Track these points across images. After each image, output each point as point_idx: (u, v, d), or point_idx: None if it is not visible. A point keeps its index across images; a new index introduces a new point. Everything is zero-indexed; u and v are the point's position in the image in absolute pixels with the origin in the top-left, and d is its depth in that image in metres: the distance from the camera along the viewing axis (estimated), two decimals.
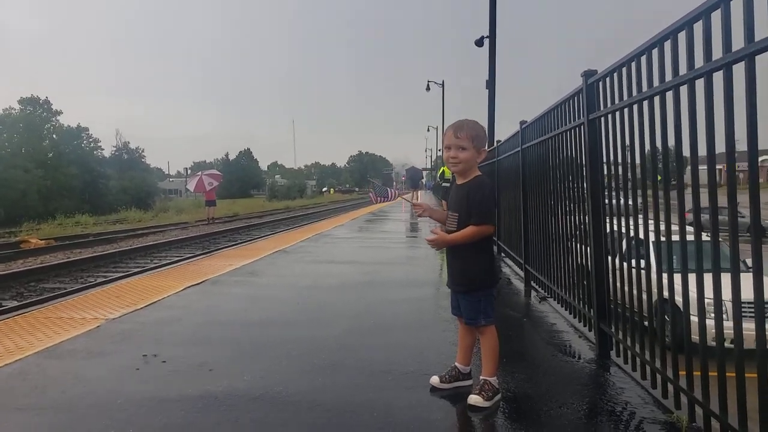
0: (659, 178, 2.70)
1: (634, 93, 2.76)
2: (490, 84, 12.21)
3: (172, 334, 4.07)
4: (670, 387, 2.70)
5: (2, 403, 2.78)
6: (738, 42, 1.88)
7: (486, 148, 2.88)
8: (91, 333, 4.07)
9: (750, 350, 1.93)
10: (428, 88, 38.56)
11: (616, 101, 3.05)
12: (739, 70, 1.88)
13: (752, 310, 1.86)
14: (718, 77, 2.02)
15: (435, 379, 2.97)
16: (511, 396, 2.89)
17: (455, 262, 2.91)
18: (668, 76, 2.39)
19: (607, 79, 3.17)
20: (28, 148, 47.06)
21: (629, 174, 3.15)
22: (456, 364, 3.01)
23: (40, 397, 2.85)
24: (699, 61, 2.16)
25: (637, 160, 2.94)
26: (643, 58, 2.62)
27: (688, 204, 2.38)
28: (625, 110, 2.93)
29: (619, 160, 3.21)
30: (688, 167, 2.31)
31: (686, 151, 2.32)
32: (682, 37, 2.25)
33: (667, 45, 2.39)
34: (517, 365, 3.38)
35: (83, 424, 2.52)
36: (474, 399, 2.73)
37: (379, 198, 3.53)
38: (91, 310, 4.80)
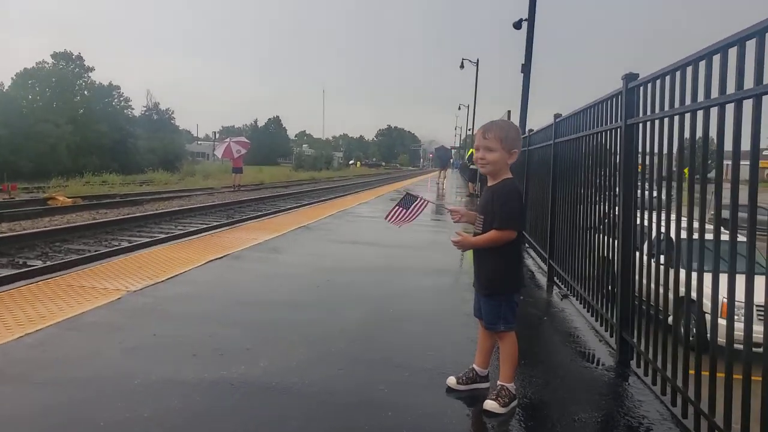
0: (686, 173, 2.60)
1: (677, 104, 2.64)
2: (526, 68, 11.95)
3: (191, 311, 4.11)
4: (691, 409, 2.63)
5: (21, 375, 2.83)
6: None
7: (518, 149, 2.79)
8: (112, 305, 4.12)
9: None
10: (462, 66, 37.97)
11: (657, 110, 2.92)
12: None
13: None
14: None
15: (452, 380, 2.95)
16: (528, 402, 2.86)
17: (479, 264, 2.88)
18: (716, 93, 2.27)
19: (649, 85, 3.03)
20: (59, 103, 47.73)
21: (663, 181, 3.04)
22: (474, 366, 2.97)
23: (59, 372, 2.89)
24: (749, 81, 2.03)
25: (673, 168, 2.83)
26: (689, 69, 2.49)
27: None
28: (666, 120, 2.81)
29: (656, 170, 3.10)
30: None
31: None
32: (732, 52, 2.13)
33: (717, 59, 2.27)
34: (534, 369, 3.34)
35: (100, 403, 2.56)
36: (490, 405, 2.70)
37: (401, 213, 3.06)
38: (114, 280, 4.87)
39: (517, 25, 12.26)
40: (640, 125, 3.22)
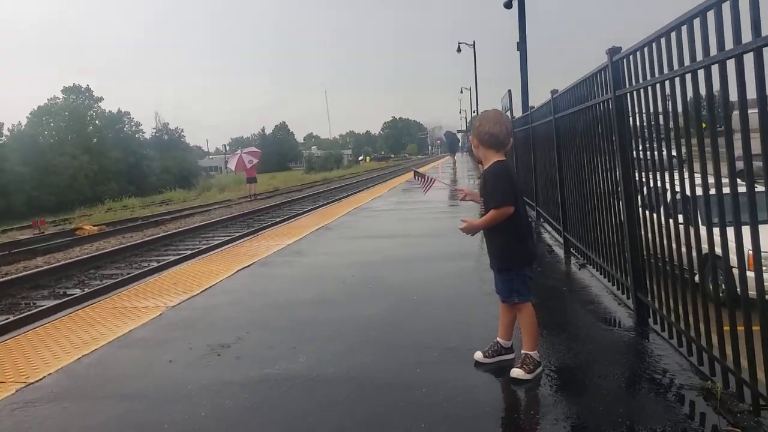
0: (704, 125, 2.69)
1: (657, 73, 2.80)
2: (522, 46, 12.02)
3: (228, 319, 4.36)
4: (705, 355, 2.80)
5: (87, 391, 3.10)
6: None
7: (489, 129, 2.93)
8: (155, 321, 4.39)
9: None
10: (459, 50, 37.92)
11: (641, 80, 3.08)
12: None
13: None
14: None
15: (478, 354, 3.15)
16: (553, 368, 3.05)
17: (489, 243, 3.11)
18: (693, 58, 2.42)
19: (631, 57, 3.19)
20: (73, 135, 48.76)
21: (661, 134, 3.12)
22: (498, 339, 3.17)
23: (119, 386, 3.16)
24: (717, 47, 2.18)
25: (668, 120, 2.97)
26: (672, 36, 2.63)
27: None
28: (649, 88, 2.97)
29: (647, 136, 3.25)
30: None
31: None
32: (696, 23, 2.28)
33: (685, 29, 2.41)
34: (557, 336, 3.53)
35: (161, 408, 2.81)
36: (516, 372, 2.91)
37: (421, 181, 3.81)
38: (152, 298, 5.14)
39: (508, 5, 12.34)
40: (628, 95, 3.38)
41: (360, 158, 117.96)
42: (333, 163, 78.52)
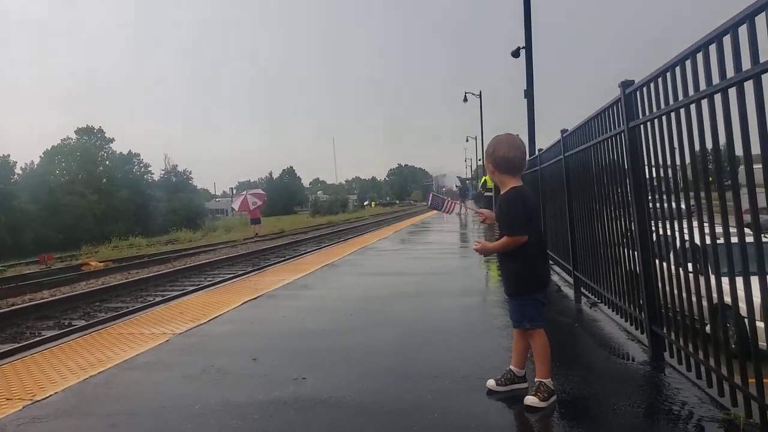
0: (711, 179, 2.76)
1: (671, 101, 2.86)
2: (528, 94, 12.26)
3: (236, 345, 4.32)
4: (726, 385, 2.75)
5: (94, 409, 3.06)
6: None
7: (504, 154, 2.96)
8: (161, 346, 4.35)
9: None
10: (466, 100, 38.63)
11: (654, 110, 3.15)
12: None
13: None
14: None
15: (491, 383, 3.10)
16: (567, 397, 2.99)
17: (502, 268, 3.13)
18: (705, 85, 2.49)
19: (644, 89, 3.27)
20: (83, 174, 49.44)
21: (676, 176, 3.20)
22: (511, 367, 3.13)
23: (127, 405, 3.11)
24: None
25: (680, 161, 3.01)
26: (678, 69, 2.73)
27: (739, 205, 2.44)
28: (664, 117, 3.03)
29: (662, 163, 3.28)
30: (740, 167, 2.37)
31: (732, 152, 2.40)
32: (712, 49, 2.36)
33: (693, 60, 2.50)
34: (571, 368, 3.47)
35: (169, 427, 2.76)
36: (530, 400, 2.85)
37: (435, 205, 3.78)
38: (159, 325, 5.11)
39: (516, 54, 12.65)
40: (641, 126, 3.44)
41: (365, 203, 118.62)
42: (338, 207, 79.00)
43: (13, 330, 8.65)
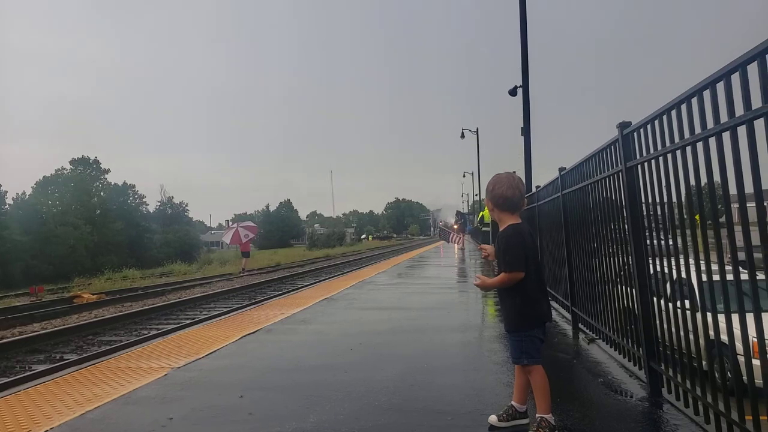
0: (697, 218, 2.84)
1: (667, 143, 2.96)
2: (525, 132, 12.47)
3: (236, 380, 4.31)
4: (724, 421, 2.77)
5: None
6: None
7: (503, 192, 3.06)
8: (160, 381, 4.33)
9: None
10: (463, 136, 39.09)
11: (651, 150, 3.24)
12: None
13: None
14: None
15: (493, 418, 3.11)
16: None
17: (501, 304, 3.18)
18: (700, 128, 2.59)
19: (641, 130, 3.38)
20: (77, 205, 49.30)
21: (670, 215, 3.30)
22: (512, 403, 3.14)
23: None
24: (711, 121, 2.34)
25: (675, 201, 3.09)
26: (674, 112, 2.84)
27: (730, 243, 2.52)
28: (661, 159, 3.12)
29: (659, 202, 3.37)
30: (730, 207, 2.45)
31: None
32: (706, 95, 2.47)
33: (695, 102, 2.60)
34: (570, 404, 3.48)
35: None
36: None
37: (444, 237, 3.85)
38: (156, 359, 5.09)
39: (513, 92, 12.90)
40: (639, 166, 3.53)
41: (363, 236, 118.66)
42: (336, 240, 78.98)
43: (2, 364, 8.54)
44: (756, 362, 2.42)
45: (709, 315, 2.86)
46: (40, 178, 53.16)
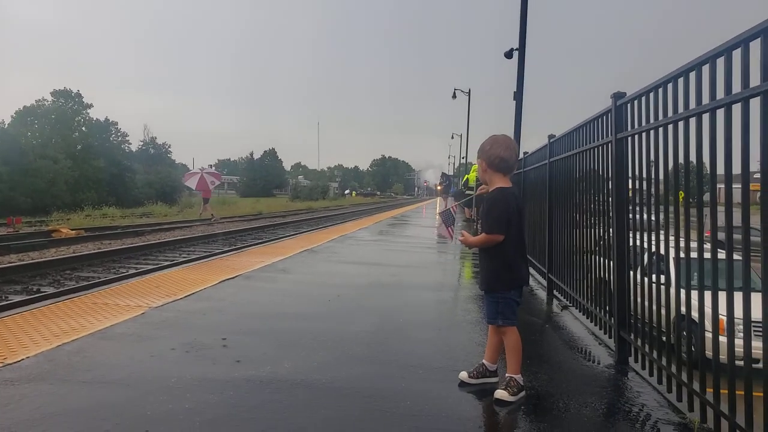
0: (681, 195, 2.88)
1: (660, 116, 2.96)
2: (518, 96, 12.36)
3: (213, 322, 4.34)
4: (685, 391, 2.88)
5: (68, 376, 3.06)
6: None
7: (500, 153, 3.06)
8: (137, 319, 4.35)
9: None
10: (454, 96, 38.69)
11: (643, 123, 3.24)
12: None
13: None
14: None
15: (464, 375, 3.19)
16: (534, 393, 3.09)
17: (480, 264, 3.21)
18: (697, 102, 2.59)
19: (635, 102, 3.37)
20: (57, 139, 48.15)
21: (654, 190, 3.34)
22: (484, 361, 3.22)
23: (102, 373, 3.12)
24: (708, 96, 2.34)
25: (662, 177, 3.12)
26: (670, 85, 2.82)
27: (709, 222, 2.56)
28: (651, 132, 3.13)
29: (645, 177, 3.39)
30: (712, 186, 2.48)
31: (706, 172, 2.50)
32: (705, 70, 2.45)
33: (693, 75, 2.59)
34: (539, 367, 3.58)
35: (144, 398, 2.78)
36: (500, 393, 2.95)
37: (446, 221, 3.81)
38: (134, 298, 5.10)
39: (509, 55, 12.72)
40: (629, 138, 3.54)
41: (346, 192, 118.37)
42: (319, 193, 78.63)
43: None
44: (723, 339, 2.50)
45: (682, 291, 2.94)
46: (19, 108, 51.75)
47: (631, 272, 3.72)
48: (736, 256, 2.36)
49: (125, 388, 2.92)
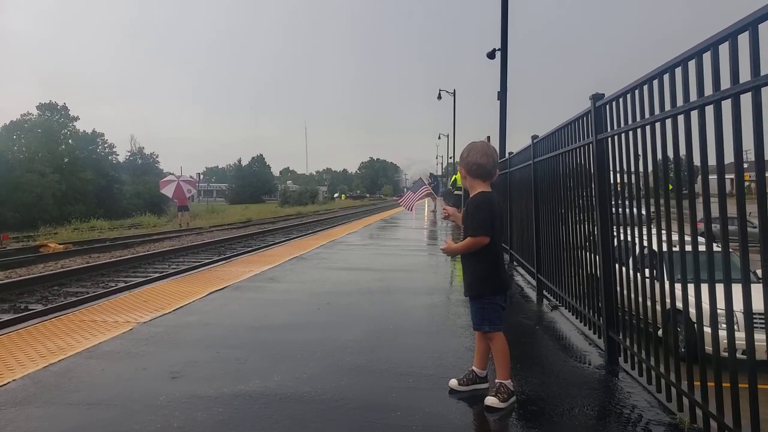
0: (671, 187, 2.89)
1: (638, 118, 2.98)
2: (502, 96, 12.42)
3: (201, 336, 4.31)
4: (674, 391, 2.89)
5: (54, 398, 3.02)
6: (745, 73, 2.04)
7: (477, 160, 3.08)
8: (125, 335, 4.31)
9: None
10: (440, 97, 38.82)
11: (622, 124, 3.26)
12: (746, 99, 2.02)
13: (763, 320, 2.05)
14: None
15: (453, 382, 3.19)
16: (525, 398, 3.09)
17: (464, 270, 3.21)
18: (671, 104, 2.60)
19: (614, 103, 3.39)
20: (44, 152, 47.74)
21: (637, 185, 3.34)
22: (473, 368, 3.22)
23: (89, 394, 3.08)
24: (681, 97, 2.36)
25: (644, 172, 3.14)
26: (646, 87, 2.84)
27: (699, 215, 2.58)
28: (630, 133, 3.15)
29: (626, 176, 3.41)
30: (698, 179, 2.50)
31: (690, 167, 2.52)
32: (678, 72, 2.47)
33: (666, 78, 2.61)
34: (530, 370, 3.58)
35: (132, 418, 2.76)
36: (490, 400, 2.94)
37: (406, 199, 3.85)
38: (122, 313, 5.06)
39: (491, 55, 12.79)
40: (609, 139, 3.56)
41: (335, 195, 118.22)
42: (308, 198, 78.57)
43: None
44: (707, 330, 2.49)
45: (666, 285, 2.95)
46: (5, 123, 51.29)
47: (617, 268, 3.73)
48: (716, 248, 2.36)
49: (113, 408, 2.89)
